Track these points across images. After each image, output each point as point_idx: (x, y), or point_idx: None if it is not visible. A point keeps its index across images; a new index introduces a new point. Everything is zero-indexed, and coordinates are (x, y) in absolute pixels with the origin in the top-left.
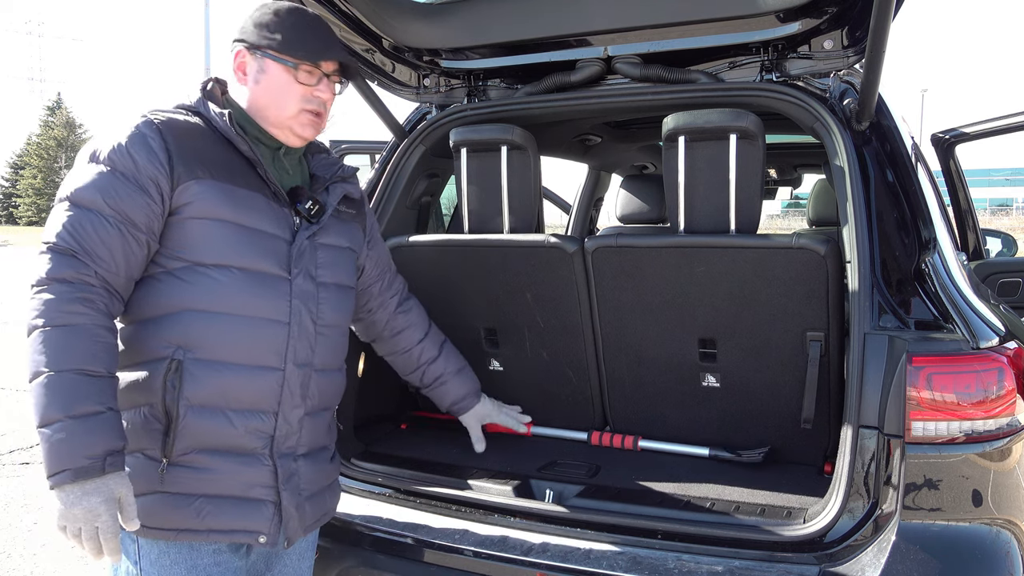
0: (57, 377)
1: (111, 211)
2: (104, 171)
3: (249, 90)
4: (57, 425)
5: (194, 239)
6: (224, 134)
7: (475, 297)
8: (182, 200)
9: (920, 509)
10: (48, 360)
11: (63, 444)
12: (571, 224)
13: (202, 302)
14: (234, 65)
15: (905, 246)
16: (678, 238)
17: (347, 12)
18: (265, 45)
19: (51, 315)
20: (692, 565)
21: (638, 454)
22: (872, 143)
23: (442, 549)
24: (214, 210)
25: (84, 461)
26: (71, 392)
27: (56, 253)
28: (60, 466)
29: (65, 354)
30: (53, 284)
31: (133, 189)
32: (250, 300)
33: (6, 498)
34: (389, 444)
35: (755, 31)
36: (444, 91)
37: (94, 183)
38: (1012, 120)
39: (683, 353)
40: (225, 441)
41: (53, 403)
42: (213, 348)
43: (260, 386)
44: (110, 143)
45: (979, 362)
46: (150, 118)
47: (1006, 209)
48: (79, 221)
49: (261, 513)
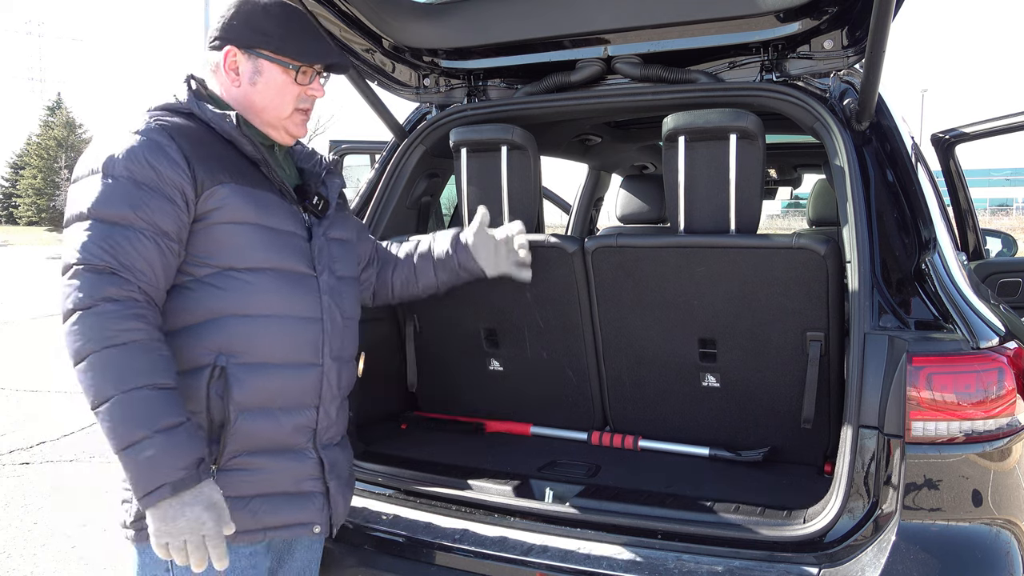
0: (130, 396)
1: (144, 223)
2: (125, 183)
3: (242, 91)
4: (144, 443)
5: (223, 244)
6: (226, 135)
7: (475, 297)
8: (208, 206)
9: (920, 509)
10: (117, 381)
11: (155, 460)
12: (571, 224)
13: (240, 306)
14: (224, 65)
15: (905, 246)
16: (678, 238)
17: (347, 12)
18: (260, 45)
19: (107, 336)
20: (692, 565)
21: (638, 454)
22: (872, 143)
23: (442, 549)
24: (241, 214)
25: (180, 472)
26: (150, 408)
27: (94, 272)
28: (156, 482)
29: (133, 372)
30: (100, 304)
31: (160, 199)
32: (285, 300)
33: (6, 498)
34: (389, 444)
35: (755, 31)
36: (444, 91)
37: (119, 197)
38: (1012, 120)
39: (683, 353)
40: (274, 440)
41: (134, 422)
42: (256, 351)
43: (303, 383)
44: (122, 153)
45: (979, 362)
46: (156, 123)
47: (1006, 209)
48: (111, 237)
49: (314, 504)
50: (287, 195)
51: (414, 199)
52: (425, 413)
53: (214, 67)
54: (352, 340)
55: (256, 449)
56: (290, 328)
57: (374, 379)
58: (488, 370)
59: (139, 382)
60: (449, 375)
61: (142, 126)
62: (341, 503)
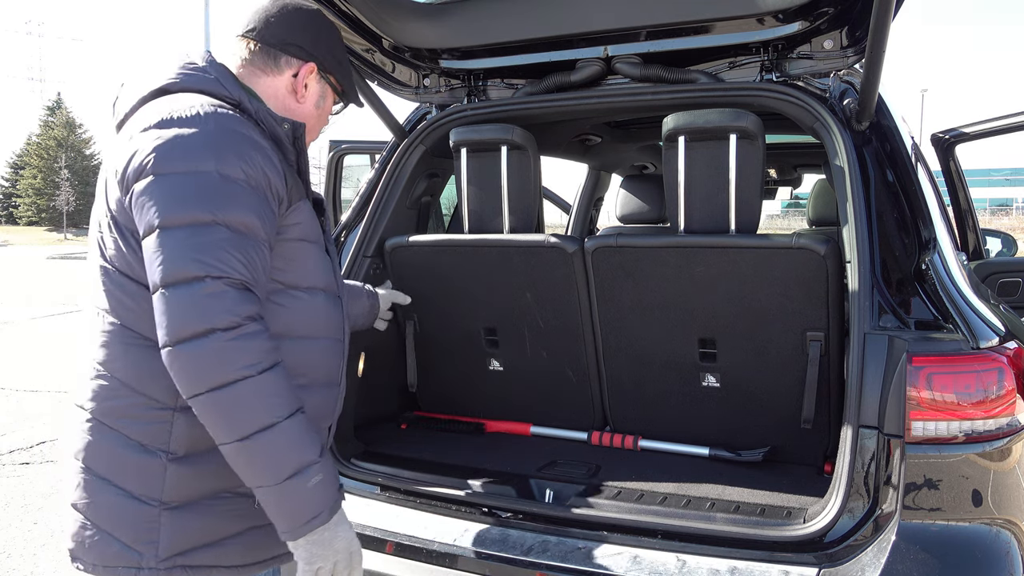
0: (292, 421)
1: (264, 235)
2: (244, 188)
3: (303, 109)
4: (314, 468)
5: (293, 262)
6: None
7: (475, 297)
8: (292, 220)
9: (920, 509)
10: (277, 407)
11: (323, 485)
12: (571, 224)
13: (300, 327)
14: (299, 77)
15: (905, 246)
16: (678, 238)
17: (347, 12)
18: (333, 72)
19: (259, 358)
20: (692, 565)
21: (638, 454)
22: (872, 143)
23: (442, 549)
24: (309, 231)
25: (336, 495)
26: (308, 432)
27: (235, 288)
28: (319, 507)
29: (287, 397)
30: (247, 324)
31: (270, 209)
32: (329, 321)
33: (6, 498)
34: (389, 444)
35: (755, 31)
36: (444, 91)
37: (244, 201)
38: (1012, 120)
39: (683, 353)
40: None
41: (302, 448)
42: (308, 373)
43: (331, 403)
44: (234, 151)
45: (979, 362)
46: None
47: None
48: (244, 249)
49: None
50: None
51: (414, 199)
52: (425, 413)
53: (276, 70)
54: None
55: None
56: (330, 349)
57: (374, 379)
58: (488, 370)
59: (294, 406)
60: (449, 375)
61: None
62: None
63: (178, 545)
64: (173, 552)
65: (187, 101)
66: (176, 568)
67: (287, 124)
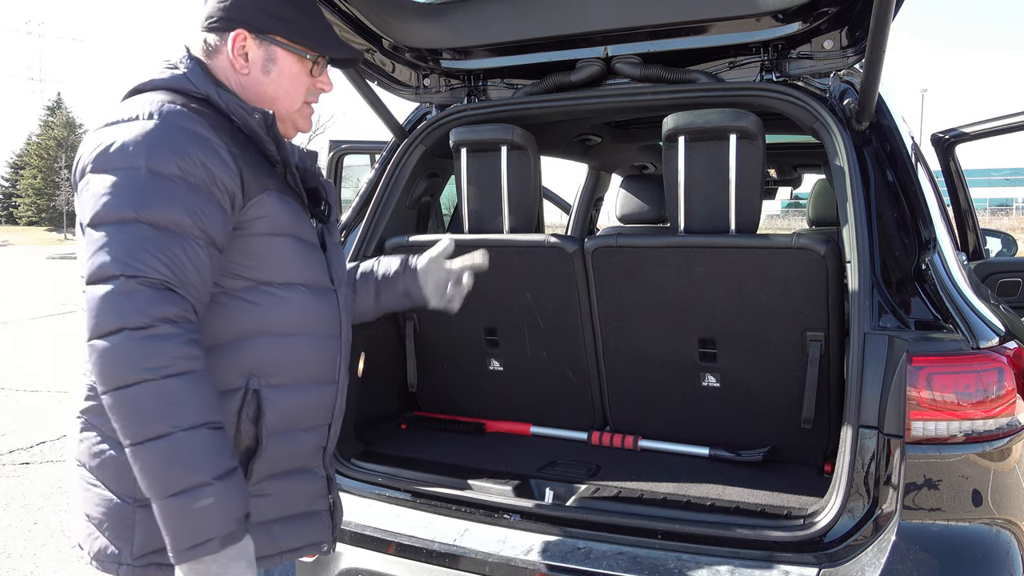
0: (191, 435)
1: (199, 232)
2: (178, 184)
3: (252, 80)
4: (204, 490)
5: (262, 257)
6: (248, 131)
7: (475, 297)
8: (254, 214)
9: (920, 509)
10: (173, 416)
11: (212, 510)
12: (571, 224)
13: (275, 324)
14: (231, 49)
15: (905, 246)
16: (678, 238)
17: (347, 12)
18: (276, 31)
19: (165, 362)
20: (692, 565)
21: (638, 454)
22: (872, 143)
23: (442, 549)
24: (282, 224)
25: (232, 525)
26: (211, 450)
27: (150, 287)
28: (205, 535)
29: (193, 407)
30: (158, 325)
31: (212, 204)
32: (314, 318)
33: (6, 498)
34: (389, 444)
35: (755, 31)
36: (444, 91)
37: (172, 199)
38: (1012, 120)
39: (683, 353)
40: (295, 462)
41: (192, 465)
42: (286, 371)
43: (324, 402)
44: (170, 146)
45: (979, 362)
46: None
47: (1006, 209)
48: (167, 246)
49: (323, 522)
50: (302, 200)
51: (414, 199)
52: (425, 413)
53: (212, 50)
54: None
55: (279, 472)
56: (317, 346)
57: (374, 379)
58: (488, 370)
59: (200, 419)
60: (449, 375)
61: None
62: (340, 518)
63: (151, 543)
64: (147, 550)
65: (140, 100)
66: (151, 566)
67: (258, 114)
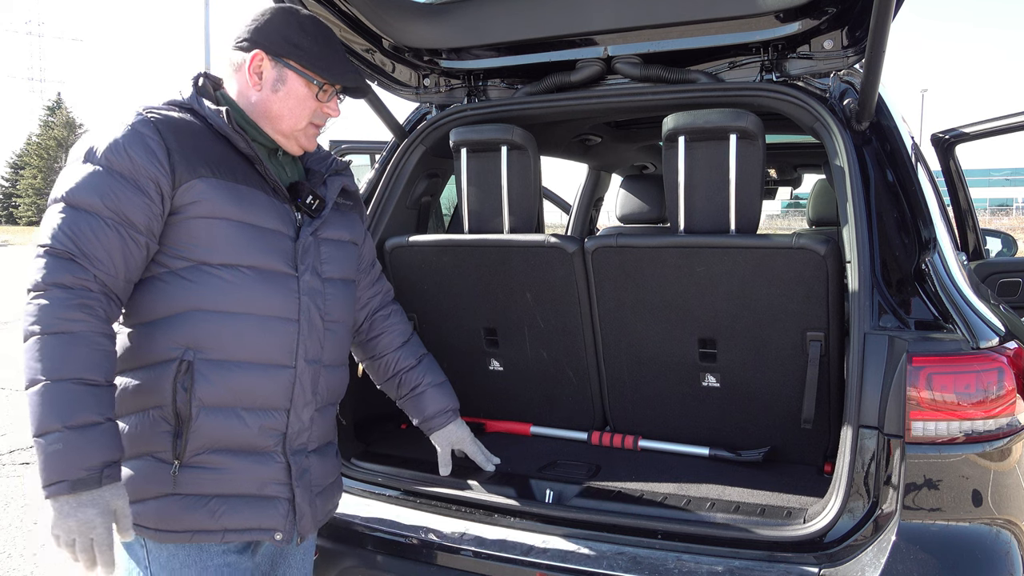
0: (54, 386)
1: (110, 213)
2: (100, 171)
3: (262, 96)
4: (54, 435)
5: (199, 239)
6: (221, 131)
7: (475, 297)
8: (186, 199)
9: (920, 509)
10: (45, 368)
11: (60, 455)
12: (571, 224)
13: (211, 302)
14: (248, 67)
15: (905, 246)
16: (678, 238)
17: (347, 12)
18: (290, 56)
19: (49, 321)
20: (692, 565)
21: (638, 454)
22: (872, 143)
23: (442, 549)
24: (219, 209)
25: (81, 473)
26: (69, 402)
27: (53, 257)
28: (56, 477)
29: (63, 362)
30: (51, 289)
31: (132, 190)
32: (259, 298)
33: (6, 498)
34: (389, 444)
35: (755, 31)
36: (444, 91)
37: (91, 184)
38: (1012, 120)
39: (683, 353)
40: (238, 440)
41: (50, 413)
42: (224, 348)
43: (272, 384)
44: (105, 142)
45: (979, 362)
46: (146, 115)
47: (1006, 209)
48: (76, 223)
49: (276, 510)
50: (279, 193)
51: (414, 199)
52: None
53: (236, 67)
54: (338, 344)
55: (220, 447)
56: (261, 327)
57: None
58: (488, 370)
59: (66, 374)
60: (449, 375)
61: (131, 118)
62: (309, 512)
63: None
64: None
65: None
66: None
67: (221, 113)
